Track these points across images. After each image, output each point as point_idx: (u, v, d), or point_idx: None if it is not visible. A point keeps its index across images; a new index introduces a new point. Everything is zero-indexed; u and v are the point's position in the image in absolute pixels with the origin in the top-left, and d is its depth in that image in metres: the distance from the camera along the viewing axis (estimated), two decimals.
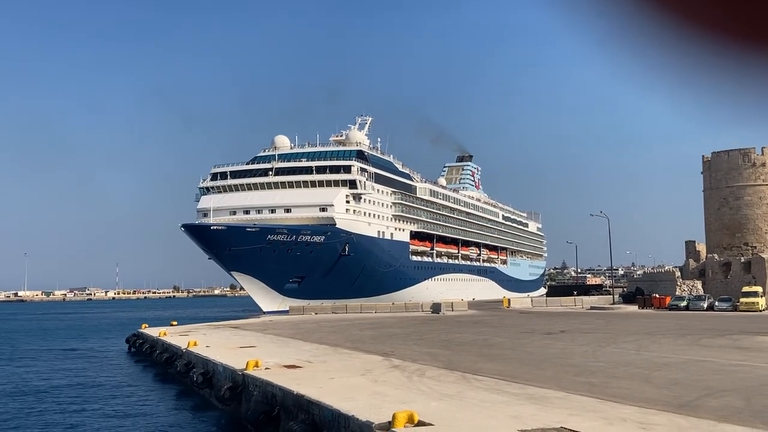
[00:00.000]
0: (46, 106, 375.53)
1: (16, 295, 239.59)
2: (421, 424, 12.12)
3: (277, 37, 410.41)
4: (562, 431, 11.30)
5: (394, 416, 12.16)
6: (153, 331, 42.06)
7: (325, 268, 76.99)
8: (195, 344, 30.19)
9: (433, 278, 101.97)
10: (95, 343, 51.61)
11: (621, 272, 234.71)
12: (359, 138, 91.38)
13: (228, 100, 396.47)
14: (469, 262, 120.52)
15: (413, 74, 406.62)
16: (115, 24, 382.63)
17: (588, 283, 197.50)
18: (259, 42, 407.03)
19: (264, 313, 72.05)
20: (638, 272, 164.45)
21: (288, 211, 79.10)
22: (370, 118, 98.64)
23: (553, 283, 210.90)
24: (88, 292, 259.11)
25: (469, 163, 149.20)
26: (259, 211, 79.95)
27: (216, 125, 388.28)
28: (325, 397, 15.58)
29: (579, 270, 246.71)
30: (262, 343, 31.39)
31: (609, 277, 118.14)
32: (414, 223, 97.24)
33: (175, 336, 37.45)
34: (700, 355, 23.38)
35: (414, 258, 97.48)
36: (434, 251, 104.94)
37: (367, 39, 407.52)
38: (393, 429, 11.95)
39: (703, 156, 74.93)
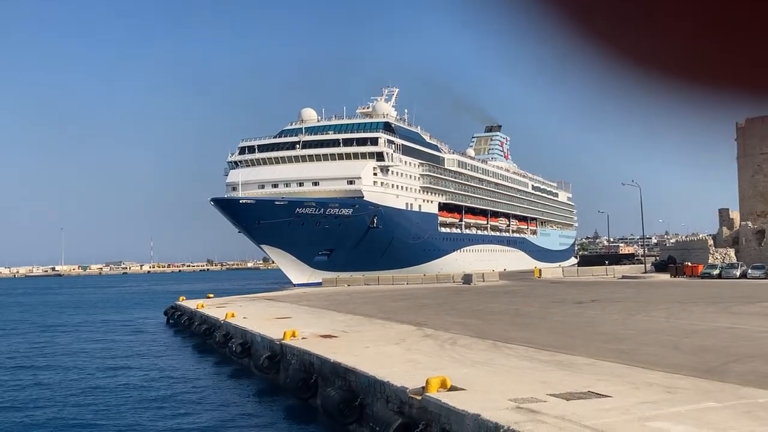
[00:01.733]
0: (68, 83, 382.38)
1: (53, 269, 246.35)
2: (453, 388, 12.62)
3: (288, 8, 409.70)
4: (589, 395, 11.76)
5: (427, 381, 12.67)
6: (190, 304, 43.34)
7: (353, 240, 77.55)
8: (233, 316, 31.20)
9: (462, 249, 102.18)
10: (134, 315, 53.36)
11: (654, 241, 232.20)
12: (386, 110, 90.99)
13: (242, 72, 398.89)
14: (498, 233, 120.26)
15: (438, 45, 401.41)
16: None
17: (621, 252, 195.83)
18: (271, 13, 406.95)
19: (294, 285, 73.24)
20: (671, 241, 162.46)
21: (316, 184, 79.54)
22: (397, 90, 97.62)
23: (586, 252, 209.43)
24: (123, 266, 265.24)
25: (497, 133, 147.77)
26: (287, 184, 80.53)
27: (232, 97, 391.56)
28: (361, 365, 16.21)
29: (611, 239, 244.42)
30: (297, 314, 32.30)
31: (641, 246, 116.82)
32: (442, 195, 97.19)
33: (212, 308, 38.59)
34: (730, 322, 23.53)
35: (443, 229, 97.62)
36: (463, 222, 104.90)
37: (387, 7, 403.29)
38: (427, 393, 12.48)
39: (736, 123, 73.21)
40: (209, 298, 49.12)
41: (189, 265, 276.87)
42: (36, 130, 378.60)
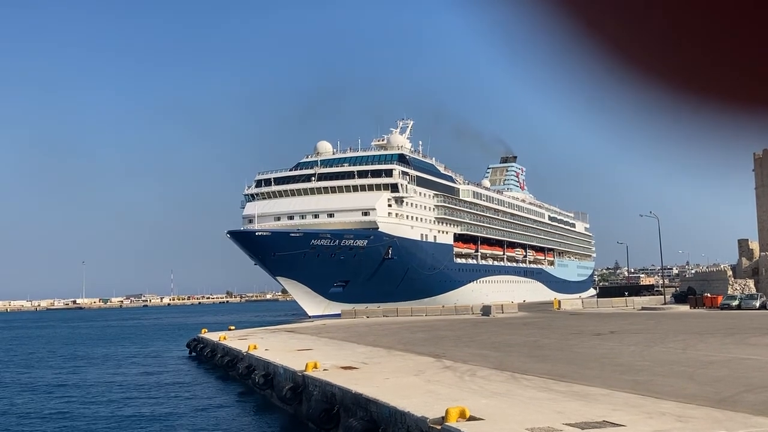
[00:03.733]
0: (85, 118, 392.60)
1: (74, 302, 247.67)
2: (472, 418, 13.06)
3: (285, 40, 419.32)
4: (604, 424, 12.20)
5: (447, 412, 13.12)
6: (213, 336, 43.86)
7: (368, 271, 77.67)
8: (255, 348, 31.74)
9: (478, 280, 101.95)
10: (157, 348, 53.97)
11: (675, 271, 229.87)
12: (400, 142, 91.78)
13: (242, 109, 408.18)
14: (515, 264, 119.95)
15: (453, 76, 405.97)
16: (124, 40, 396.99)
17: (641, 283, 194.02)
18: (267, 47, 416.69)
19: (310, 317, 73.16)
20: (692, 271, 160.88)
21: (331, 215, 79.97)
22: (411, 122, 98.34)
23: (606, 283, 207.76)
24: (144, 298, 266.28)
25: (513, 164, 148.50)
26: (302, 216, 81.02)
27: (247, 132, 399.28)
28: (382, 396, 16.67)
29: (632, 270, 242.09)
30: (318, 346, 32.80)
31: (662, 276, 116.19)
32: (457, 226, 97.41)
33: (234, 340, 39.15)
34: (746, 353, 23.72)
35: (458, 260, 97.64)
36: (479, 253, 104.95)
37: (396, 40, 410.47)
38: (446, 423, 12.93)
39: (754, 153, 73.25)
40: (231, 330, 49.66)
41: (209, 297, 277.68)
42: (57, 165, 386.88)
